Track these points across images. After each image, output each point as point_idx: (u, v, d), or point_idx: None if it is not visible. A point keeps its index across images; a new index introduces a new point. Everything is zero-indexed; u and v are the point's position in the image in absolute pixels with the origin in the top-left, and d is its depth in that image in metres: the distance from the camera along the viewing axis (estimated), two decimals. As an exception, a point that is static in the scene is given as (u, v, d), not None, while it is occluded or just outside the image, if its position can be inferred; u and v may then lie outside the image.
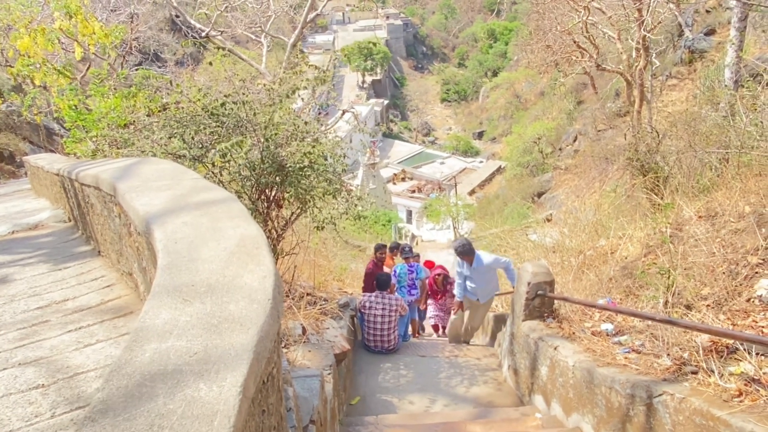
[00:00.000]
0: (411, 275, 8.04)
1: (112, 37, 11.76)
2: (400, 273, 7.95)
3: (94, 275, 3.70)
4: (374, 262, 7.81)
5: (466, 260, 6.70)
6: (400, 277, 7.89)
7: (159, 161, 3.42)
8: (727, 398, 2.87)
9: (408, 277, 8.00)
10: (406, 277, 7.98)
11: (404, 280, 7.94)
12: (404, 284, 7.94)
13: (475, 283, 6.83)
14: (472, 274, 6.77)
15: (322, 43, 59.36)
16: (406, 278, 7.97)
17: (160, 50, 29.14)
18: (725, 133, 9.10)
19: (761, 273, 4.70)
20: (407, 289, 7.96)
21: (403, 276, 7.97)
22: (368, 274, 7.66)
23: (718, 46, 26.30)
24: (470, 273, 6.78)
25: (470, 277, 6.83)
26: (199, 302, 1.77)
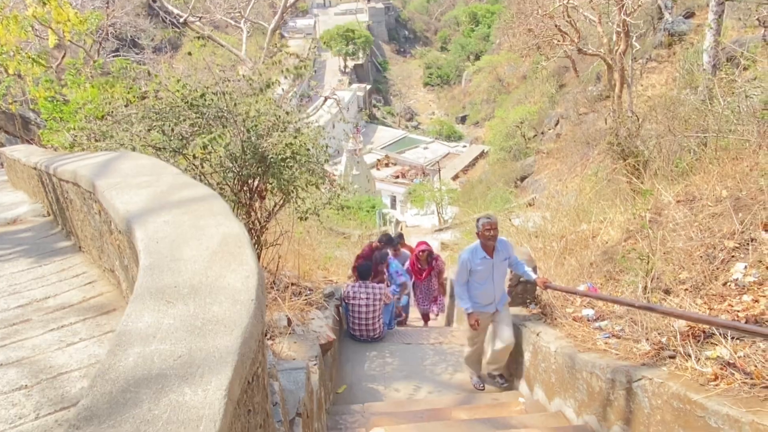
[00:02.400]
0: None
1: (88, 23, 11.51)
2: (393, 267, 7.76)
3: (75, 272, 3.66)
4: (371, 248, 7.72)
5: (488, 248, 4.81)
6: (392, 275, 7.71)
7: (138, 156, 3.39)
8: (704, 382, 2.96)
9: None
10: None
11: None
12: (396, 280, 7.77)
13: (495, 282, 4.91)
14: (494, 271, 4.86)
15: (303, 27, 58.64)
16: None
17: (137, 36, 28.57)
18: (703, 118, 9.23)
19: (737, 257, 4.81)
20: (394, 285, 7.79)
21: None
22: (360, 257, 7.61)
23: (697, 29, 26.51)
24: (489, 270, 4.84)
25: (487, 278, 4.87)
26: (183, 304, 1.77)
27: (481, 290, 4.91)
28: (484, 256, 4.82)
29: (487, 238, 4.75)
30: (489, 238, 4.75)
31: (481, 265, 4.82)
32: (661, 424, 3.08)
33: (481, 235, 4.80)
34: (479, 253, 4.85)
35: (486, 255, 4.82)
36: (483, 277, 4.86)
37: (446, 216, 30.71)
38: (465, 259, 4.88)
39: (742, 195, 5.85)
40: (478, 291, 4.93)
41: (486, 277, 4.85)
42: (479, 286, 4.90)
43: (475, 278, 4.88)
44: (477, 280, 4.88)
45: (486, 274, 4.84)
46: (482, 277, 4.86)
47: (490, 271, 4.84)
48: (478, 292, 4.93)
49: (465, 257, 4.89)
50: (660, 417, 3.10)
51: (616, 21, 19.16)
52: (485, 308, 5.00)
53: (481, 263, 4.82)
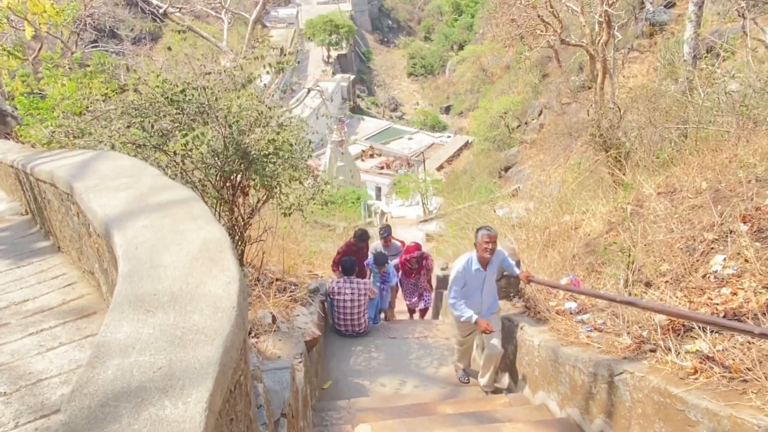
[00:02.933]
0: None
1: (65, 14, 11.29)
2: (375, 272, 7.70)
3: (54, 273, 3.61)
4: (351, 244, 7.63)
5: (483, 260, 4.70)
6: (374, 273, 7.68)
7: (117, 156, 3.33)
8: (684, 376, 3.00)
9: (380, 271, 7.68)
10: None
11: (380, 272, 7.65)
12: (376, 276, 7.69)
13: (483, 294, 4.84)
14: (485, 283, 4.79)
15: (285, 17, 57.99)
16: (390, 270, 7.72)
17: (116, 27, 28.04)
18: (684, 109, 9.33)
19: (716, 249, 4.88)
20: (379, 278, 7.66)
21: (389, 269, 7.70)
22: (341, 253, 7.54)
23: (678, 19, 26.75)
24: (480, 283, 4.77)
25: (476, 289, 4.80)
26: (162, 313, 1.75)
27: (470, 300, 4.80)
28: (478, 268, 4.70)
29: (485, 251, 4.61)
30: (486, 251, 4.61)
31: (473, 276, 4.70)
32: (642, 417, 3.13)
33: (479, 248, 4.65)
34: (473, 264, 4.71)
35: (480, 267, 4.70)
36: (472, 288, 4.75)
37: (431, 207, 30.77)
38: (460, 270, 4.73)
39: (722, 187, 5.93)
40: (466, 300, 4.82)
41: (475, 289, 4.75)
42: (469, 295, 4.79)
43: (467, 289, 4.76)
44: (468, 289, 4.76)
45: (476, 285, 4.74)
46: (472, 288, 4.75)
47: (480, 283, 4.75)
48: (467, 302, 4.82)
49: (460, 267, 4.73)
50: (641, 410, 3.15)
51: (598, 11, 19.22)
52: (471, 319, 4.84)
53: (474, 275, 4.70)
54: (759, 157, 6.09)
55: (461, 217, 16.27)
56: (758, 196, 5.20)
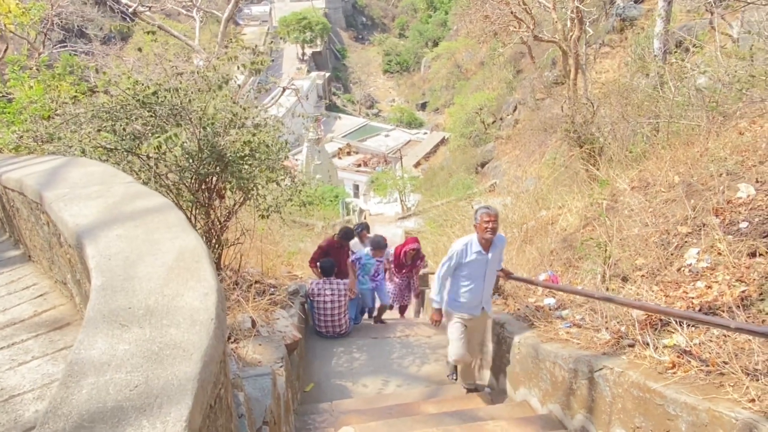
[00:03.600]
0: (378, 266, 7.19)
1: (31, 14, 10.99)
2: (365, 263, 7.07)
3: (25, 283, 3.50)
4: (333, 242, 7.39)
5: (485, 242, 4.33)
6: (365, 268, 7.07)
7: (87, 163, 3.24)
8: (662, 370, 3.05)
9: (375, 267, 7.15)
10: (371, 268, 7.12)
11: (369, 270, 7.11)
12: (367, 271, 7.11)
13: (485, 281, 4.46)
14: (487, 268, 4.42)
15: (258, 14, 57.51)
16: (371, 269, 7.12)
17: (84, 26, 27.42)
18: (655, 104, 9.49)
19: (690, 242, 4.97)
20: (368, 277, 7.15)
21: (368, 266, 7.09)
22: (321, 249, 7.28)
23: (648, 14, 27.24)
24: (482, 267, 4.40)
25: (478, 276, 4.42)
26: (138, 327, 1.70)
27: (468, 288, 4.42)
28: (479, 250, 4.34)
29: (486, 231, 4.25)
30: (488, 231, 4.25)
31: (474, 260, 4.35)
32: (623, 412, 3.17)
33: (479, 228, 4.29)
34: (474, 247, 4.36)
35: (481, 249, 4.34)
36: (474, 273, 4.39)
37: (409, 203, 30.84)
38: (457, 249, 4.37)
39: (693, 181, 6.04)
40: (464, 290, 4.44)
41: (477, 275, 4.39)
42: (467, 284, 4.42)
43: (465, 274, 4.40)
44: (466, 276, 4.40)
45: (478, 270, 4.39)
46: (473, 274, 4.39)
47: (483, 267, 4.39)
48: (465, 291, 4.44)
49: (457, 248, 4.37)
50: (621, 405, 3.19)
51: (570, 7, 19.43)
52: (470, 311, 4.53)
53: (475, 257, 4.34)
54: (729, 151, 6.22)
55: (440, 213, 16.36)
56: (729, 189, 5.30)
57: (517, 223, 9.62)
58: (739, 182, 5.39)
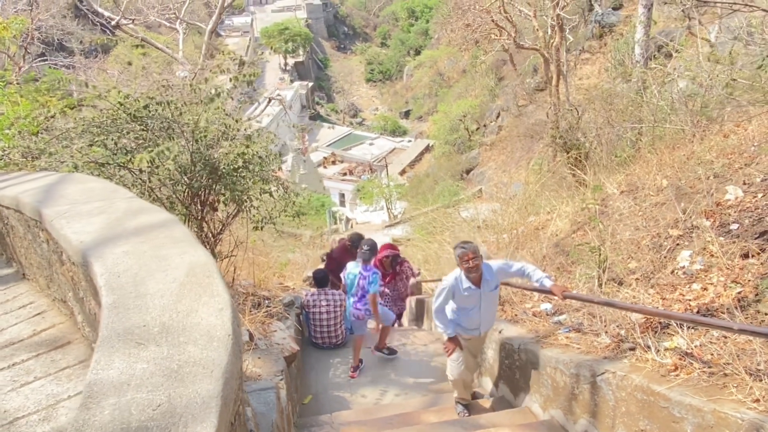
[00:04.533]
0: (362, 281, 5.80)
1: (12, 29, 10.86)
2: (349, 274, 6.00)
3: (21, 302, 3.43)
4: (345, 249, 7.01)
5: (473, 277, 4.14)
6: (348, 281, 5.98)
7: (84, 179, 3.20)
8: (665, 373, 3.07)
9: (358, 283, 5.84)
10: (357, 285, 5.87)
11: (354, 285, 5.91)
12: (352, 291, 5.94)
13: (482, 311, 4.32)
14: (482, 301, 4.26)
15: (239, 25, 57.44)
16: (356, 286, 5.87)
17: (65, 39, 27.15)
18: (639, 108, 9.64)
19: (682, 245, 5.04)
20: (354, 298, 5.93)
21: (352, 280, 5.93)
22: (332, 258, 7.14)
23: (626, 20, 27.77)
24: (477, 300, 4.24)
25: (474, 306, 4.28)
26: (155, 345, 1.68)
27: (467, 316, 4.32)
28: (468, 286, 4.16)
29: (470, 270, 4.10)
30: (471, 270, 4.09)
31: (466, 297, 4.21)
32: (627, 415, 3.19)
33: (461, 267, 4.14)
34: (464, 283, 4.17)
35: (471, 285, 4.16)
36: (468, 305, 4.26)
37: (396, 211, 30.89)
38: (448, 286, 4.22)
39: (682, 184, 6.14)
40: (463, 315, 4.34)
41: (472, 307, 4.26)
42: (466, 312, 4.31)
43: (461, 303, 4.27)
44: (463, 305, 4.28)
45: (473, 302, 4.24)
46: (468, 305, 4.27)
47: (477, 300, 4.23)
48: (464, 317, 4.34)
49: (448, 284, 4.23)
50: (625, 409, 3.21)
51: (550, 15, 19.72)
52: (469, 332, 4.42)
53: (467, 293, 4.18)
54: (715, 154, 6.34)
55: (428, 221, 16.39)
56: (717, 191, 5.39)
57: (507, 228, 9.69)
58: (726, 184, 5.49)
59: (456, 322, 4.39)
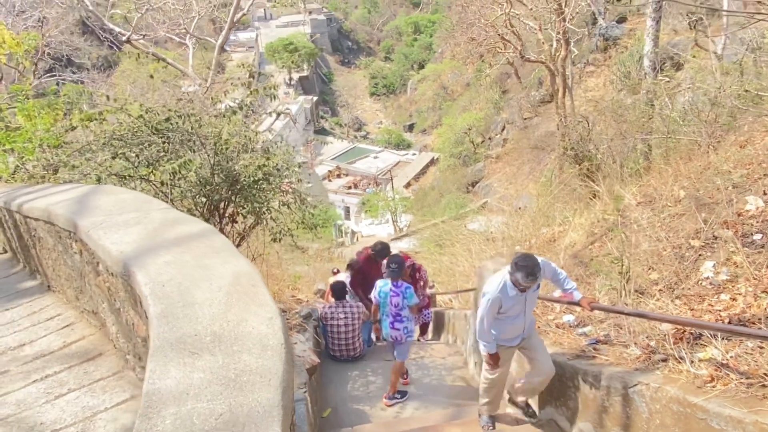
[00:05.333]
0: (395, 298, 5.22)
1: (25, 45, 10.98)
2: (380, 292, 5.30)
3: (48, 314, 3.43)
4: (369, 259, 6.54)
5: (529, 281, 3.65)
6: (381, 300, 5.31)
7: (115, 190, 3.21)
8: (700, 384, 3.03)
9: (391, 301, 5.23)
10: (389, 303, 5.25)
11: (386, 305, 5.26)
12: (386, 311, 5.29)
13: (526, 315, 4.03)
14: (527, 304, 3.97)
15: (245, 40, 57.90)
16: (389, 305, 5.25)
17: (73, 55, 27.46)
18: (651, 120, 9.65)
19: (705, 255, 5.00)
20: (389, 319, 5.27)
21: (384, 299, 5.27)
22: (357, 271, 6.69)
23: (630, 33, 27.91)
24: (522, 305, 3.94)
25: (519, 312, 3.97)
26: (209, 354, 1.66)
27: (511, 325, 4.02)
28: (516, 293, 3.84)
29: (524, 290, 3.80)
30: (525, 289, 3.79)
31: (513, 302, 3.90)
32: (661, 428, 3.14)
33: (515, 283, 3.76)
34: (510, 290, 3.85)
35: (518, 291, 3.83)
36: (515, 312, 3.97)
37: (401, 224, 30.86)
38: (493, 298, 3.87)
39: (700, 194, 6.12)
40: (506, 325, 4.03)
41: (518, 313, 3.97)
42: (510, 321, 4.01)
43: (506, 313, 3.96)
44: (508, 314, 3.97)
45: (518, 309, 3.95)
46: (511, 312, 3.96)
47: (522, 305, 3.95)
48: (507, 326, 4.03)
49: (493, 296, 3.87)
50: (659, 421, 3.16)
51: (556, 28, 19.84)
52: (510, 342, 4.12)
53: (514, 300, 3.89)
54: (732, 164, 6.32)
55: (437, 233, 16.35)
56: (737, 202, 5.36)
57: (520, 240, 9.66)
58: (746, 195, 5.46)
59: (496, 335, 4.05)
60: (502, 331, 4.04)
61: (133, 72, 32.56)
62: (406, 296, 5.22)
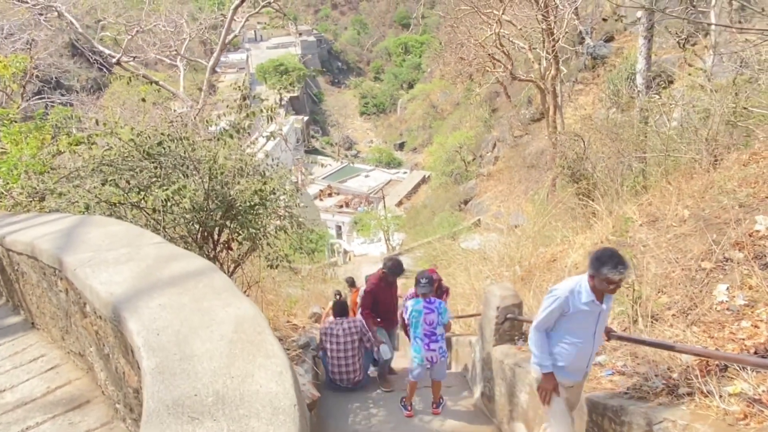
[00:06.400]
0: (429, 315, 4.91)
1: (12, 67, 10.78)
2: (412, 312, 4.94)
3: (32, 354, 3.18)
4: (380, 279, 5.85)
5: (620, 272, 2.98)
6: (413, 320, 4.95)
7: (105, 221, 3.00)
8: (732, 422, 2.84)
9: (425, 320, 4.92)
10: (421, 319, 4.93)
11: (419, 324, 4.94)
12: (419, 331, 4.95)
13: (596, 339, 3.35)
14: (598, 322, 3.29)
15: (235, 62, 58.08)
16: (421, 321, 4.93)
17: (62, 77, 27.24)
18: (647, 138, 9.58)
19: (716, 278, 4.84)
20: (424, 340, 4.96)
21: (417, 317, 4.93)
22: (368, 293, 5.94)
23: (617, 52, 28.22)
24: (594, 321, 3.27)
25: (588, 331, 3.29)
26: (211, 420, 1.45)
27: (576, 350, 3.29)
28: (592, 299, 3.16)
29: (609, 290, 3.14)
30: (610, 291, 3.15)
31: (584, 311, 3.20)
32: (691, 469, 2.94)
33: (598, 283, 3.09)
34: (585, 295, 3.17)
35: (595, 299, 3.17)
36: (582, 328, 3.25)
37: (394, 243, 30.66)
38: (562, 297, 3.22)
39: (705, 214, 5.98)
40: (568, 349, 3.31)
41: (586, 330, 3.26)
42: (574, 342, 3.28)
43: (571, 327, 3.27)
44: (571, 331, 3.28)
45: (587, 324, 3.24)
46: (581, 329, 3.26)
47: (594, 321, 3.24)
48: (571, 351, 3.31)
49: (563, 294, 3.22)
50: (689, 461, 2.96)
51: (545, 48, 19.94)
52: (572, 376, 3.41)
53: (586, 308, 3.19)
54: (736, 183, 6.20)
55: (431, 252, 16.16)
56: (747, 222, 5.23)
57: (519, 260, 9.49)
58: (754, 214, 5.33)
59: (558, 365, 3.36)
60: (565, 355, 3.34)
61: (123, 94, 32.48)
62: (441, 312, 4.93)
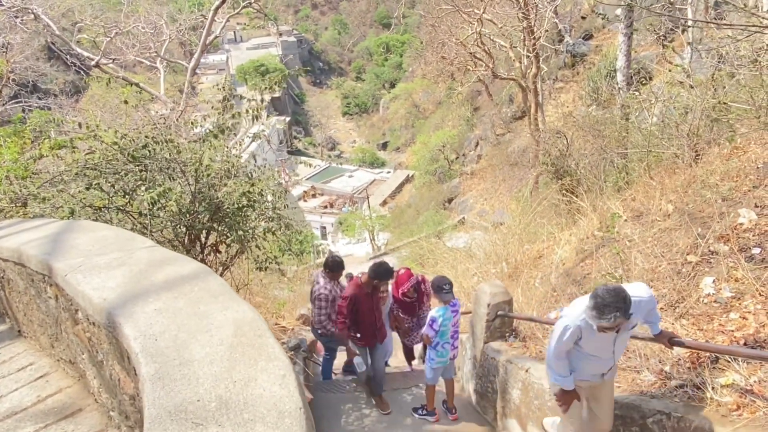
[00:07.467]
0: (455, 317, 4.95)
1: (-12, 72, 10.58)
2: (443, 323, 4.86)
3: (19, 363, 3.11)
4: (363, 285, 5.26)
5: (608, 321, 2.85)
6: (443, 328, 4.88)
7: (94, 226, 2.94)
8: (725, 413, 2.88)
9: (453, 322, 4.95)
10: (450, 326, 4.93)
11: (448, 330, 4.93)
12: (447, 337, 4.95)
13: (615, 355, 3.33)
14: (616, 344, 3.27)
15: (215, 63, 57.56)
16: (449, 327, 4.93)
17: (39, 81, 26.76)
18: (630, 135, 9.69)
19: (702, 271, 4.91)
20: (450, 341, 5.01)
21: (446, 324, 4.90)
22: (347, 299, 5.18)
23: (596, 49, 28.54)
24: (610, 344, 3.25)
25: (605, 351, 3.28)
26: (215, 425, 1.43)
27: (592, 362, 3.33)
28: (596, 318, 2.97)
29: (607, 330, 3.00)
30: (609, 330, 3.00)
31: (598, 343, 3.21)
32: (686, 460, 2.98)
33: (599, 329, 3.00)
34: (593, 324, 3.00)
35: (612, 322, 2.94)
36: (601, 347, 3.26)
37: (379, 242, 30.64)
38: (572, 327, 3.16)
39: (689, 208, 6.06)
40: (587, 362, 3.34)
41: (605, 348, 3.26)
42: (592, 358, 3.31)
43: (588, 347, 3.25)
44: (590, 351, 3.28)
45: (606, 344, 3.23)
46: (600, 348, 3.26)
47: (610, 344, 3.25)
48: (588, 363, 3.34)
49: (572, 324, 3.16)
50: (683, 453, 2.99)
51: (526, 46, 20.09)
52: (590, 379, 3.41)
53: (599, 340, 3.17)
54: (719, 177, 6.29)
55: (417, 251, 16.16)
56: (730, 215, 5.30)
57: (505, 257, 9.53)
58: (737, 208, 5.41)
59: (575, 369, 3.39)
60: (584, 365, 3.36)
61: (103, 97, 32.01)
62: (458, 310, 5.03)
